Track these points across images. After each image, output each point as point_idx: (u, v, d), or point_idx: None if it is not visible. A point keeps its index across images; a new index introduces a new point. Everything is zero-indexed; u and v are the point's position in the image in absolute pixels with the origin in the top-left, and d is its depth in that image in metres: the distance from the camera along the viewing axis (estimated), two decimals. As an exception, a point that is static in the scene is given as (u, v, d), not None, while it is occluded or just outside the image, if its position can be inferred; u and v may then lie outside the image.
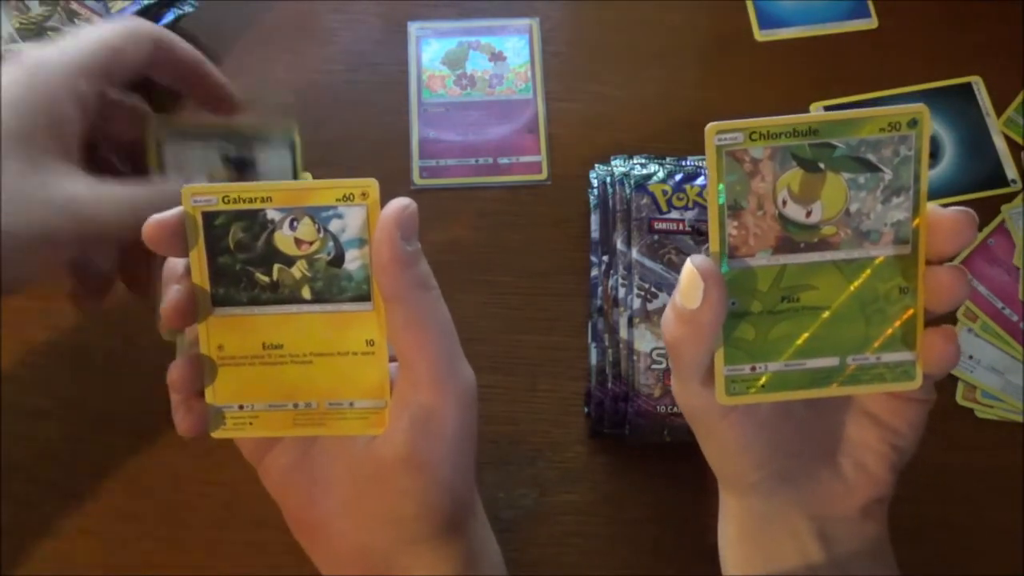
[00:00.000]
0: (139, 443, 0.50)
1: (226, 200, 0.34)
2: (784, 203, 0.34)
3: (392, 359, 0.36)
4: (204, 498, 0.50)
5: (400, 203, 0.34)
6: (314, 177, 0.46)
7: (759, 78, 0.59)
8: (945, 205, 0.34)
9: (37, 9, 0.55)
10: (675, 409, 0.48)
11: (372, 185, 0.34)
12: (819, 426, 0.38)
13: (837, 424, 0.38)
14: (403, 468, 0.35)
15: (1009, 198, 0.56)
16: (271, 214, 0.35)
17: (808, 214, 0.34)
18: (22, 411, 0.51)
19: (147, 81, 0.43)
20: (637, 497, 0.50)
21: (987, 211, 0.55)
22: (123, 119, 0.43)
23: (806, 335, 0.35)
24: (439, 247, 0.55)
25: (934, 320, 0.35)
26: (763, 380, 0.35)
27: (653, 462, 0.50)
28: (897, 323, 0.34)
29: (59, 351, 0.53)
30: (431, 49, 0.60)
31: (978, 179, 0.57)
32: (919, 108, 0.33)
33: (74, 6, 0.55)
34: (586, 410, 0.51)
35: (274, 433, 0.37)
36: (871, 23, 0.61)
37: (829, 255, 0.34)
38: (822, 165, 0.33)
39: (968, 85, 0.59)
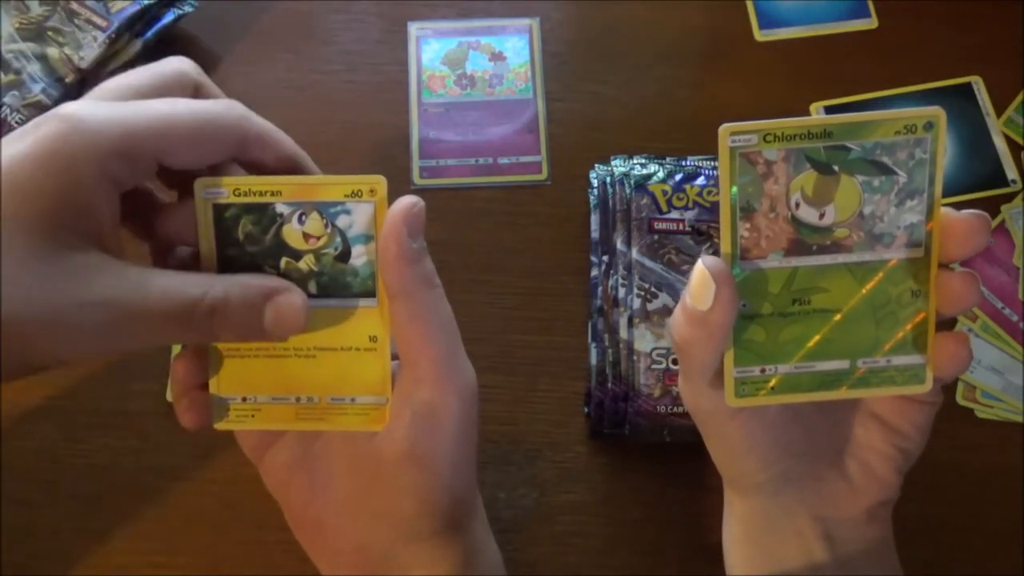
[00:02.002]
0: (140, 443, 0.50)
1: (237, 193, 0.34)
2: (797, 205, 0.34)
3: (394, 356, 0.36)
4: (204, 498, 0.50)
5: (408, 201, 0.34)
6: None
7: (759, 78, 0.59)
8: (946, 206, 0.34)
9: (37, 9, 0.55)
10: (675, 409, 0.48)
11: (380, 182, 0.34)
12: (826, 427, 0.38)
13: (844, 426, 0.38)
14: (404, 465, 0.35)
15: (1009, 198, 0.56)
16: (280, 208, 0.35)
17: (821, 216, 0.34)
18: (22, 411, 0.51)
19: None
20: (637, 497, 0.50)
21: (987, 211, 0.54)
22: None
23: (817, 337, 0.35)
24: (439, 247, 0.54)
25: (940, 322, 0.35)
26: (773, 382, 0.35)
27: (653, 462, 0.50)
28: (908, 326, 0.34)
29: (59, 351, 0.53)
30: (431, 49, 0.60)
31: (978, 179, 0.57)
32: (935, 111, 0.33)
33: (74, 6, 0.55)
34: (586, 410, 0.51)
35: (276, 426, 0.37)
36: (871, 23, 0.61)
37: (841, 258, 0.34)
38: (836, 168, 0.33)
39: (968, 85, 0.59)
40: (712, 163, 0.54)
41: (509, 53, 0.60)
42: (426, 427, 0.35)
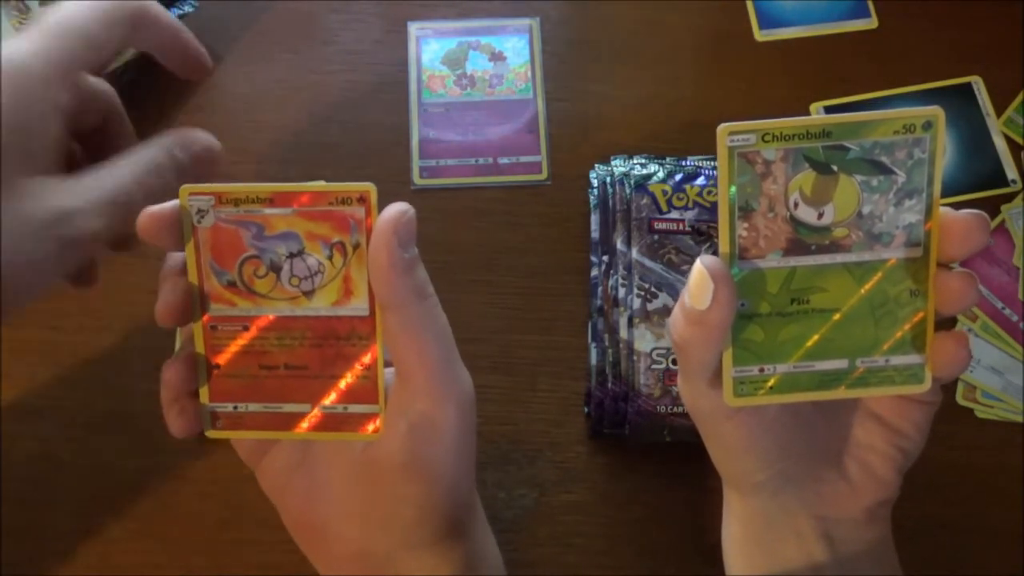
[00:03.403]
0: (139, 443, 0.50)
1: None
2: (796, 205, 0.34)
3: (388, 364, 0.36)
4: (204, 498, 0.50)
5: (398, 208, 0.33)
6: (314, 179, 0.45)
7: (759, 78, 0.59)
8: (945, 206, 0.34)
9: (37, 9, 0.55)
10: (675, 409, 0.48)
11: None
12: (825, 427, 0.38)
13: (843, 425, 0.38)
14: (402, 475, 0.35)
15: (1009, 198, 0.56)
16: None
17: (820, 216, 0.34)
18: (22, 411, 0.51)
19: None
20: (637, 497, 0.50)
21: (987, 211, 0.54)
22: (90, 108, 0.40)
23: (815, 337, 0.35)
24: (439, 247, 0.55)
25: (940, 321, 0.35)
26: (771, 382, 0.35)
27: (653, 462, 0.50)
28: (907, 326, 0.34)
29: (59, 351, 0.53)
30: (431, 49, 0.60)
31: (978, 179, 0.57)
32: (934, 111, 0.33)
33: (74, 6, 0.55)
34: (586, 410, 0.51)
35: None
36: (871, 23, 0.61)
37: (840, 257, 0.34)
38: (835, 167, 0.33)
39: (968, 85, 0.59)
40: (712, 163, 0.54)
41: (509, 53, 0.60)
42: (424, 438, 0.35)
